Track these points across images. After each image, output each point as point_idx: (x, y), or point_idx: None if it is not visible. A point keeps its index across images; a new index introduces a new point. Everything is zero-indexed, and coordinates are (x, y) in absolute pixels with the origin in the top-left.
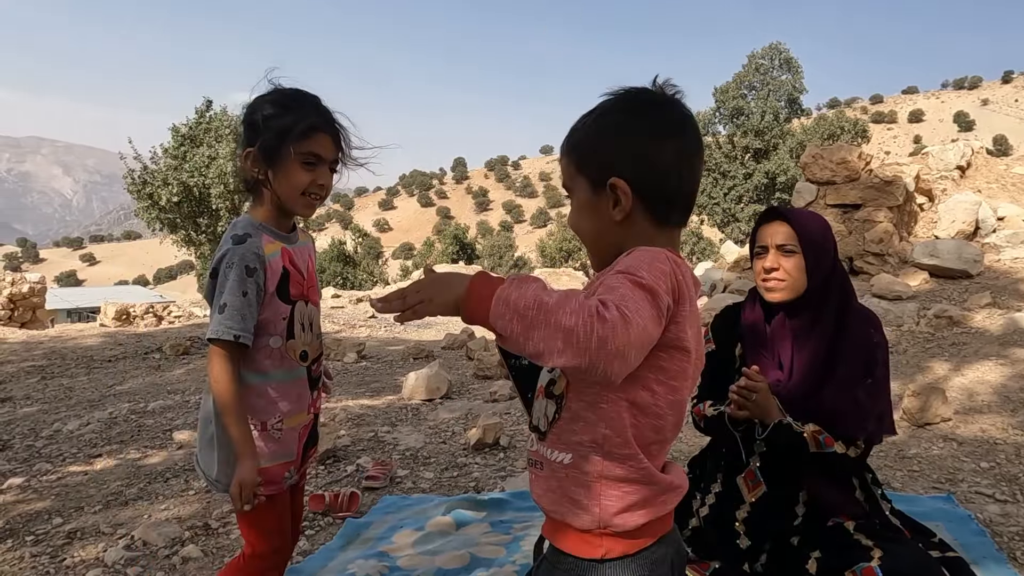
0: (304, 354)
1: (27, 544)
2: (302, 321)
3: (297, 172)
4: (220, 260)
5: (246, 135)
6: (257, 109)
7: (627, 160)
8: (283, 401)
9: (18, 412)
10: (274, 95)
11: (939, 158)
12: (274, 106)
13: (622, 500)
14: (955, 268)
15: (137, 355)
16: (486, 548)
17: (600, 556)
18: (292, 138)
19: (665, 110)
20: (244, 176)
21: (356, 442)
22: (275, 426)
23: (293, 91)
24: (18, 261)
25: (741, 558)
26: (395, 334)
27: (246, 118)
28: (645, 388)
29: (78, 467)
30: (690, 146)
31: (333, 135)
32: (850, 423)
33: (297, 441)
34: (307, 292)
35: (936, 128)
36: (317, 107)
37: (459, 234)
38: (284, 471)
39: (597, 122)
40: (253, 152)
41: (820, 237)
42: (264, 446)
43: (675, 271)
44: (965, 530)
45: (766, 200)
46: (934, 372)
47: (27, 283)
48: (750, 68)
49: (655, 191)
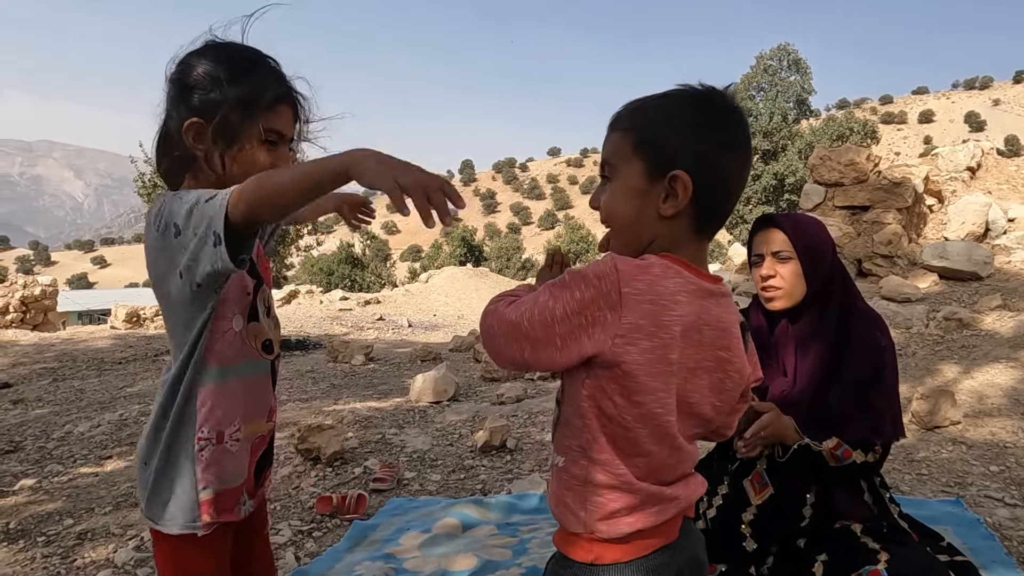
0: (268, 344)
1: (38, 545)
2: (266, 303)
3: (258, 152)
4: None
5: (185, 100)
6: (201, 68)
7: (695, 159)
8: (243, 403)
9: (30, 414)
10: (222, 52)
11: (949, 159)
12: (228, 66)
13: (605, 507)
14: (965, 270)
15: (147, 357)
16: (493, 550)
17: (590, 561)
18: (257, 111)
19: (737, 124)
20: (176, 151)
21: (363, 444)
22: (233, 436)
23: (245, 48)
24: (30, 264)
25: (747, 561)
26: (402, 337)
27: (179, 77)
28: (607, 399)
29: (89, 468)
30: (748, 161)
31: (294, 107)
32: (862, 427)
33: (249, 454)
34: (264, 272)
35: (947, 129)
36: (278, 73)
37: (467, 236)
38: (239, 495)
39: (673, 111)
40: (198, 123)
41: (815, 241)
42: (218, 465)
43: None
44: (974, 534)
45: (774, 202)
46: (943, 375)
47: (39, 285)
48: (758, 69)
49: (710, 198)
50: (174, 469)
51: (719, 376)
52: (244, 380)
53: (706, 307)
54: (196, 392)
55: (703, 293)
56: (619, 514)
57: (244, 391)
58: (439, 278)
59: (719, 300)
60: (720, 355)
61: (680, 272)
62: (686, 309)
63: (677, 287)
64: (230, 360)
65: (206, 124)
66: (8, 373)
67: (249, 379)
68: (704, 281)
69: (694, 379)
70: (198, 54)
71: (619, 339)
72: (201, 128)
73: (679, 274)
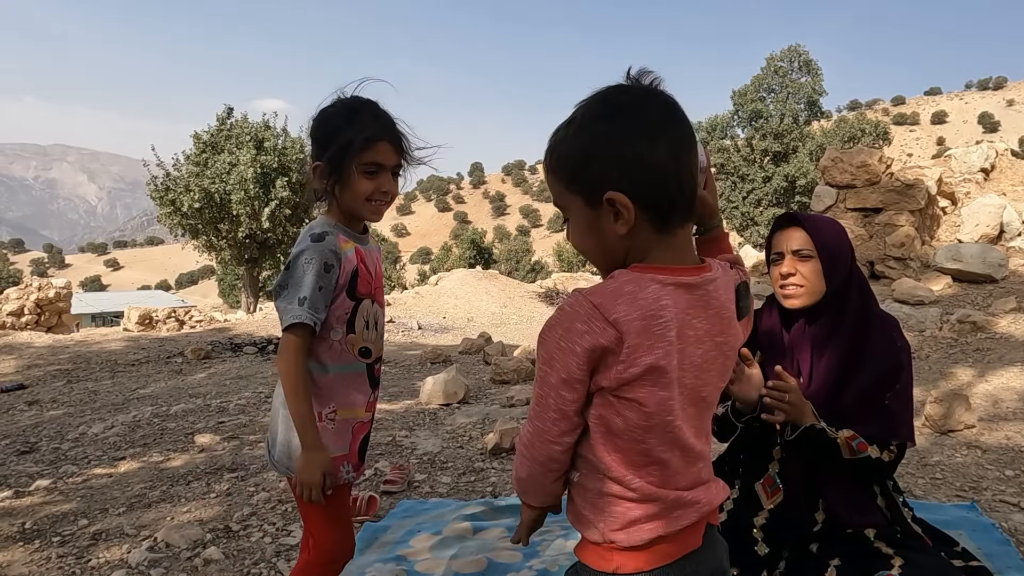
0: (365, 351)
1: (53, 545)
2: (366, 318)
3: (360, 182)
4: (299, 256)
5: (313, 148)
6: (320, 123)
7: (619, 170)
8: (339, 392)
9: (45, 415)
10: (334, 107)
11: (962, 160)
12: (334, 119)
13: (623, 515)
14: (979, 272)
15: (160, 359)
16: (503, 553)
17: (612, 570)
18: (353, 152)
19: (646, 105)
20: (312, 187)
21: (374, 446)
22: (328, 416)
23: (352, 101)
24: (44, 266)
25: (759, 565)
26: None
27: (311, 132)
28: (616, 415)
29: (103, 469)
30: (681, 137)
31: (393, 141)
32: (878, 427)
33: (352, 435)
34: (374, 292)
35: (960, 130)
36: (375, 115)
37: (476, 239)
38: (340, 463)
39: (579, 134)
40: (321, 166)
41: (835, 241)
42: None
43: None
44: (989, 539)
45: (785, 204)
46: (957, 378)
47: (53, 288)
48: (769, 71)
49: (655, 197)
50: (288, 427)
51: (722, 361)
52: (342, 376)
53: (692, 300)
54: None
55: (684, 288)
56: (638, 522)
57: (336, 384)
58: (449, 280)
59: (706, 288)
60: (718, 340)
61: (654, 277)
62: (673, 312)
63: (656, 294)
64: (324, 361)
65: (325, 165)
66: (23, 375)
67: (346, 376)
68: (682, 276)
69: (704, 374)
70: (320, 111)
71: (622, 365)
72: (323, 169)
73: (653, 280)
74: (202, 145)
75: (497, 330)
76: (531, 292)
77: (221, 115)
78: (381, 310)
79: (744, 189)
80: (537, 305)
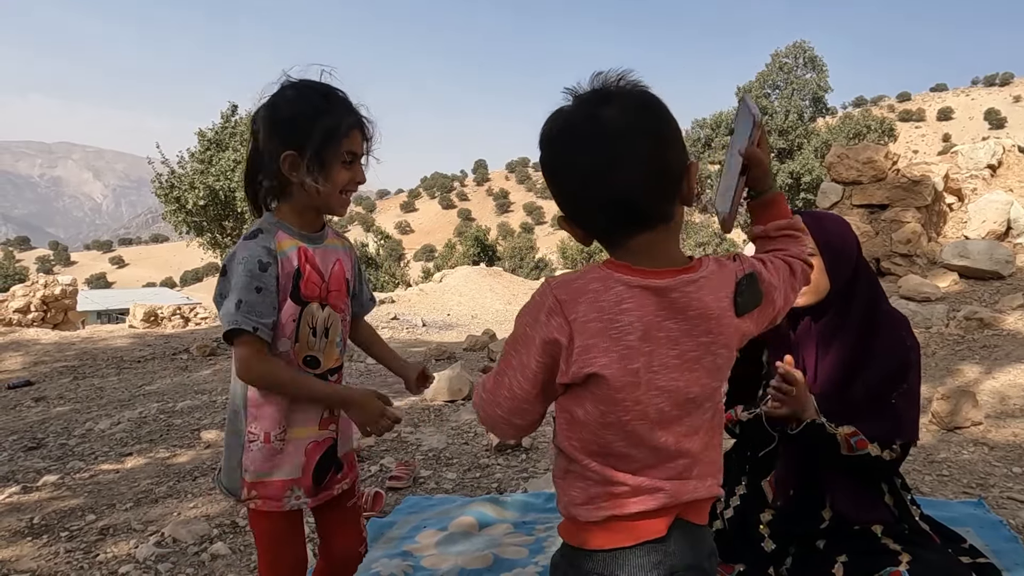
0: (311, 360)
1: (62, 540)
2: (312, 324)
3: (339, 172)
4: (232, 258)
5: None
6: (286, 108)
7: (559, 196)
8: (289, 411)
9: (52, 411)
10: (299, 91)
11: (969, 157)
12: (308, 105)
13: (583, 492)
14: (986, 269)
15: (165, 356)
16: (509, 549)
17: (577, 545)
18: (337, 140)
19: (575, 118)
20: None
21: (380, 442)
22: (277, 436)
23: (318, 85)
24: (50, 264)
25: (766, 561)
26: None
27: (272, 118)
28: (579, 406)
29: (110, 465)
30: (600, 146)
31: (363, 129)
32: (882, 426)
33: (304, 457)
34: (325, 296)
35: (966, 126)
36: (347, 103)
37: (480, 236)
38: (286, 488)
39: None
40: (292, 155)
41: (838, 238)
42: (264, 458)
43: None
44: (996, 536)
45: (790, 200)
46: (964, 375)
47: (59, 285)
48: (773, 67)
49: (580, 200)
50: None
51: (711, 360)
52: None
53: (662, 303)
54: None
55: (652, 291)
56: (597, 499)
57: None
58: (453, 278)
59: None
60: (702, 341)
61: (622, 278)
62: (636, 315)
63: (619, 296)
64: None
65: (299, 155)
66: (30, 371)
67: None
68: (653, 278)
69: (687, 374)
70: (280, 95)
71: (575, 364)
72: (295, 159)
73: (620, 281)
74: (207, 143)
75: (501, 327)
76: (534, 289)
77: (226, 112)
78: (338, 315)
79: None
80: None
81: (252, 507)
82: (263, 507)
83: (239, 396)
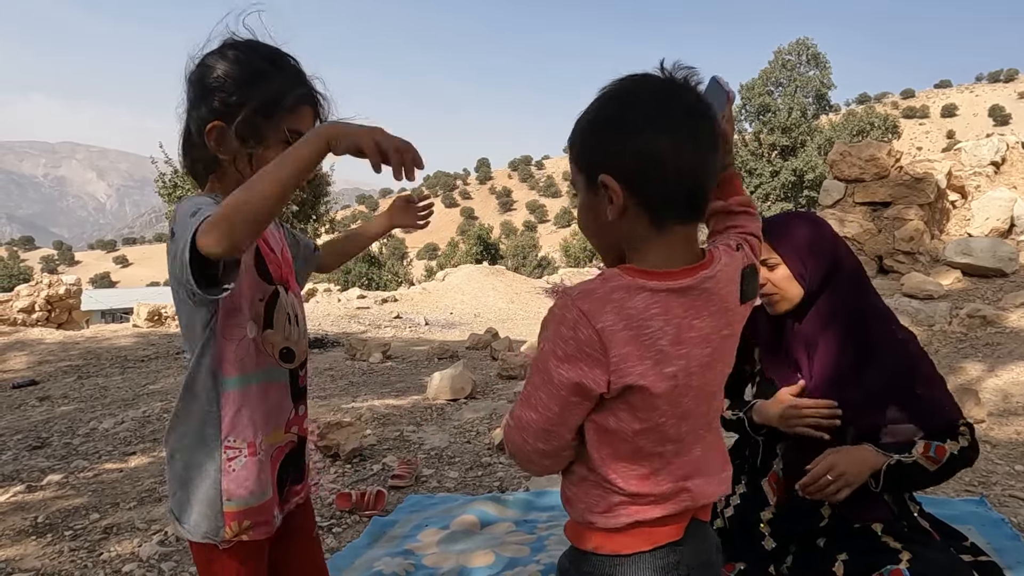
0: (287, 353)
1: (66, 538)
2: (288, 310)
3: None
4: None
5: (207, 102)
6: (221, 69)
7: (618, 155)
8: (259, 412)
9: (56, 410)
10: (242, 52)
11: (972, 154)
12: (246, 69)
13: (604, 500)
14: (989, 267)
15: (168, 355)
16: (511, 547)
17: (591, 549)
18: (280, 112)
19: (665, 98)
20: (198, 152)
21: (382, 441)
22: (260, 445)
23: (265, 47)
24: (54, 263)
25: (766, 560)
26: (420, 335)
27: (202, 79)
28: (611, 415)
29: (113, 464)
30: (694, 136)
31: (315, 107)
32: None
33: (270, 466)
34: (286, 277)
35: (970, 123)
36: (298, 73)
37: (483, 234)
38: (272, 510)
39: (592, 115)
40: (219, 126)
41: (802, 241)
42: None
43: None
44: (998, 534)
45: (793, 198)
46: (967, 373)
47: (63, 285)
48: (776, 64)
49: (649, 190)
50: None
51: (727, 351)
52: (261, 388)
53: (688, 303)
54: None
55: (677, 293)
56: (618, 507)
57: (257, 400)
58: (456, 276)
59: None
60: (724, 334)
61: (645, 285)
62: (662, 320)
63: (645, 303)
64: (250, 368)
65: (228, 127)
66: (35, 371)
67: (265, 387)
68: (676, 280)
69: (710, 371)
70: (217, 54)
71: (614, 375)
72: (223, 131)
73: (643, 288)
74: None
75: (504, 326)
76: (538, 288)
77: None
78: (298, 301)
79: (752, 184)
80: (544, 301)
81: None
82: (256, 536)
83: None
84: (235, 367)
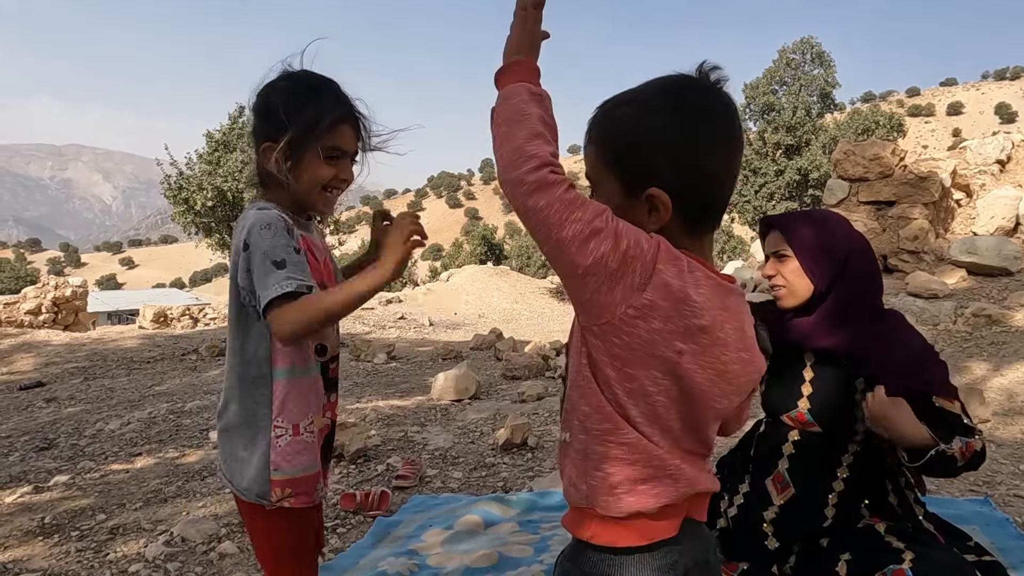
0: (322, 348)
1: (72, 539)
2: None
3: (320, 167)
4: (250, 229)
5: (262, 126)
6: (273, 98)
7: (671, 168)
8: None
9: (63, 412)
10: (290, 82)
11: (977, 152)
12: (293, 96)
13: (605, 479)
14: (994, 265)
15: (175, 356)
16: (514, 547)
17: (587, 538)
18: (318, 133)
19: (712, 107)
20: (259, 170)
21: (386, 442)
22: (307, 428)
23: (310, 77)
24: (61, 265)
25: (770, 559)
26: (424, 335)
27: (259, 107)
28: (609, 367)
29: (120, 465)
30: (735, 146)
31: (355, 125)
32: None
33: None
34: (328, 282)
35: (976, 121)
36: (338, 96)
37: (487, 235)
38: (316, 482)
39: (639, 118)
40: (269, 146)
41: (813, 238)
42: (296, 452)
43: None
44: (1003, 534)
45: (798, 197)
46: (972, 372)
47: (70, 287)
48: (780, 63)
49: (697, 197)
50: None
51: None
52: (312, 379)
53: (727, 304)
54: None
55: (722, 289)
56: (620, 488)
57: (305, 390)
58: (460, 277)
59: (736, 298)
60: (743, 356)
61: (700, 266)
62: (704, 304)
63: (697, 279)
64: (299, 361)
65: (275, 146)
66: (41, 372)
67: (309, 378)
68: (719, 278)
69: (721, 384)
70: (271, 85)
71: (632, 310)
72: (272, 150)
73: (699, 268)
74: (214, 144)
75: (508, 326)
76: (542, 288)
77: (233, 114)
78: None
79: (756, 183)
80: (548, 301)
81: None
82: (296, 503)
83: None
84: (284, 360)
